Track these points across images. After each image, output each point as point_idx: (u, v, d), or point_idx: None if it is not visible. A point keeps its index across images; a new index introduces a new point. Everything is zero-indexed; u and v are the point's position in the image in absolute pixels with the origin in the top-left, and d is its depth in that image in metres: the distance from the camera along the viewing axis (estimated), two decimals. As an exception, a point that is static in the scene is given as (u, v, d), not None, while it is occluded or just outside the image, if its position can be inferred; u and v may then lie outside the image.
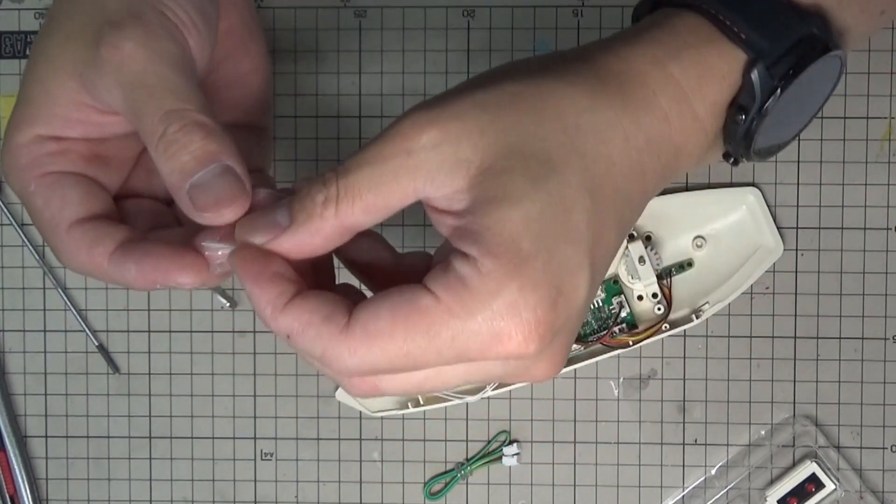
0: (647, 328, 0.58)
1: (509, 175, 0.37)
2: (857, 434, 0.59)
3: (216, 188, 0.39)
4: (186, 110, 0.40)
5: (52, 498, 0.62)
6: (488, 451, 0.60)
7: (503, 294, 0.36)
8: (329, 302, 0.38)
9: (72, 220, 0.42)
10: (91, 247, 0.42)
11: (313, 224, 0.38)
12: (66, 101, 0.42)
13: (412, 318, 0.36)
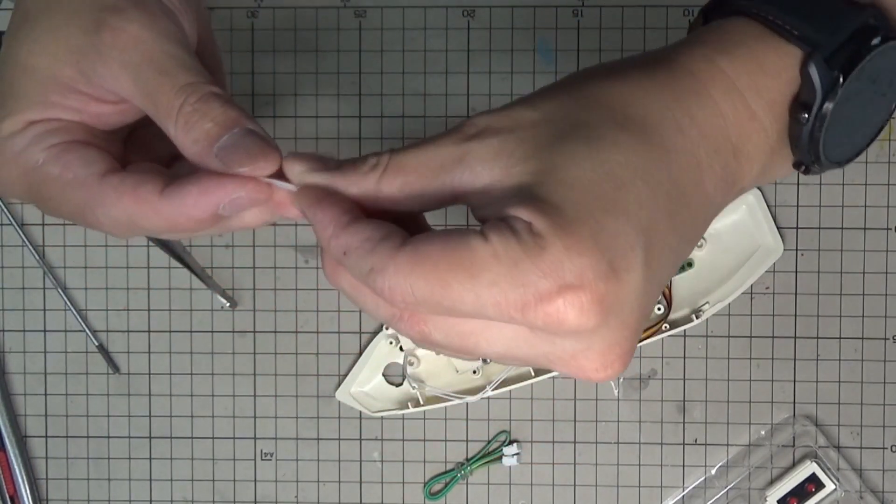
0: (647, 328, 0.58)
1: (560, 144, 0.37)
2: (856, 434, 0.59)
3: (246, 145, 0.40)
4: (201, 83, 0.40)
5: (52, 498, 0.62)
6: (488, 451, 0.60)
7: (549, 251, 0.35)
8: (389, 227, 0.38)
9: (102, 171, 0.41)
10: (136, 188, 0.41)
11: (354, 177, 0.39)
12: (63, 89, 0.41)
13: (459, 251, 0.36)
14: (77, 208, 0.42)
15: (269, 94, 0.60)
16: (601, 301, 0.35)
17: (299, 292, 0.60)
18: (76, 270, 0.61)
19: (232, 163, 0.39)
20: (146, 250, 0.61)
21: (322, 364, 0.61)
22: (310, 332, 0.61)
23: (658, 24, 0.59)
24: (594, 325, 0.35)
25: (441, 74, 0.60)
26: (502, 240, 0.36)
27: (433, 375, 0.59)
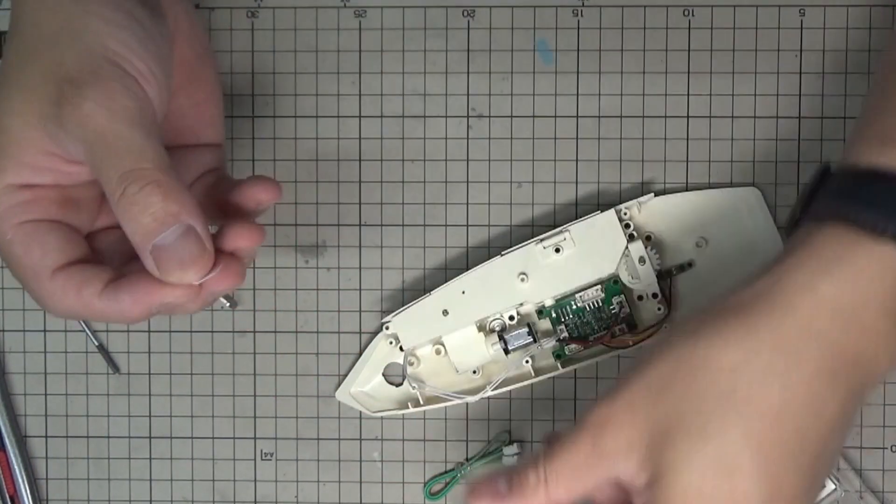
0: (648, 328, 0.58)
1: (672, 446, 0.41)
2: (856, 434, 0.59)
3: (179, 251, 0.41)
4: (145, 169, 0.41)
5: (52, 498, 0.62)
6: (488, 451, 0.60)
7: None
8: None
9: (54, 266, 0.44)
10: (79, 289, 0.44)
11: (527, 497, 0.44)
12: (35, 150, 0.43)
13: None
14: (33, 295, 0.45)
15: (270, 94, 0.60)
16: None
17: (299, 292, 0.60)
18: (76, 270, 0.61)
19: (163, 269, 0.42)
20: (146, 250, 0.61)
21: (322, 364, 0.61)
22: (310, 332, 0.61)
23: (658, 24, 0.59)
24: None
25: (441, 74, 0.60)
26: None
27: (433, 375, 0.59)
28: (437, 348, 0.59)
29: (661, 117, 0.59)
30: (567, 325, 0.58)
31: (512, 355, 0.58)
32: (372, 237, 0.60)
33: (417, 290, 0.60)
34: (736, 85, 0.59)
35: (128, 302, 0.43)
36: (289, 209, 0.60)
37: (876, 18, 0.59)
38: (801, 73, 0.59)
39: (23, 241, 0.44)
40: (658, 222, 0.59)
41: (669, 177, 0.59)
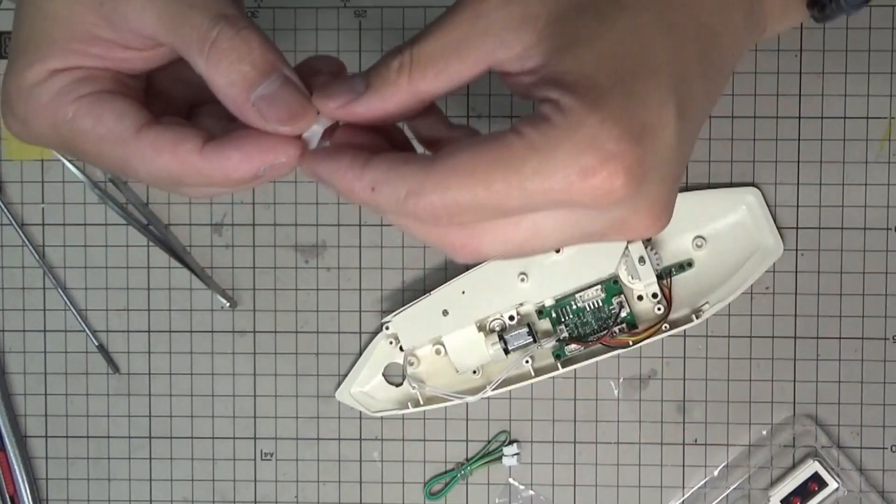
0: (647, 328, 0.58)
1: (578, 19, 0.37)
2: (857, 434, 0.59)
3: (285, 100, 0.38)
4: (237, 16, 0.38)
5: (52, 498, 0.62)
6: (488, 451, 0.60)
7: (584, 126, 0.35)
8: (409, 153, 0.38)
9: (137, 125, 0.39)
10: (176, 145, 0.39)
11: (388, 90, 0.38)
12: (85, 36, 0.40)
13: (495, 151, 0.36)
14: (116, 163, 0.40)
15: (269, 94, 0.60)
16: (641, 163, 0.36)
17: (299, 292, 0.60)
18: (76, 270, 0.61)
19: (271, 119, 0.38)
20: (146, 250, 0.61)
21: (322, 364, 0.61)
22: (310, 332, 0.61)
23: (658, 24, 0.59)
24: (638, 186, 0.36)
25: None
26: (536, 130, 0.36)
27: (433, 375, 0.59)
28: (437, 348, 0.59)
29: (660, 117, 0.59)
30: (567, 325, 0.58)
31: (512, 355, 0.58)
32: (372, 237, 0.60)
33: (417, 290, 0.60)
34: (737, 85, 0.59)
35: (236, 159, 0.38)
36: (289, 209, 0.60)
37: (876, 18, 0.59)
38: (800, 73, 0.59)
39: (91, 111, 0.39)
40: (658, 222, 0.59)
41: (669, 177, 0.59)
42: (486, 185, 0.36)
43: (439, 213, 0.36)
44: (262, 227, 0.60)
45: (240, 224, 0.60)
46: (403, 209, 0.37)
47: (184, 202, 0.60)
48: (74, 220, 0.61)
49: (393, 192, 0.37)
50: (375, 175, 0.37)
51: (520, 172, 0.36)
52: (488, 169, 0.36)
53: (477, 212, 0.36)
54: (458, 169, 0.36)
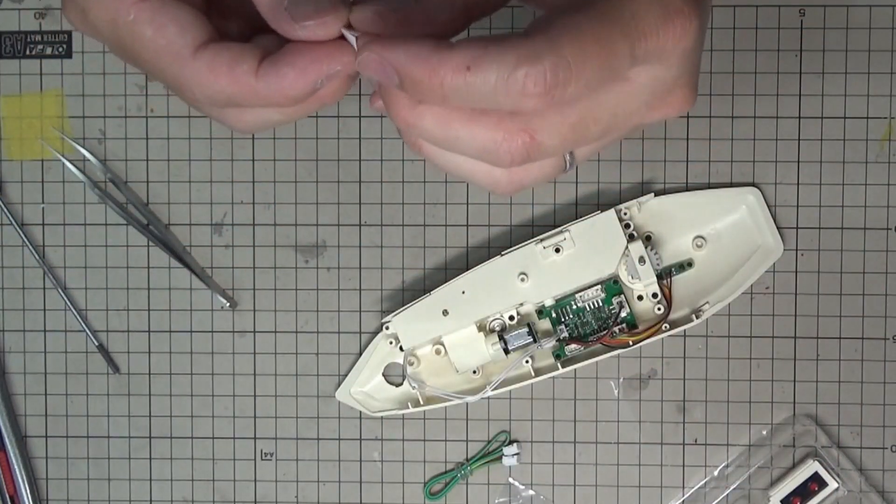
0: (647, 328, 0.58)
1: None
2: (857, 434, 0.59)
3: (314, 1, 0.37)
4: None
5: (52, 498, 0.62)
6: (488, 451, 0.60)
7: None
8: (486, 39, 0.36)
9: (196, 43, 0.39)
10: (232, 65, 0.38)
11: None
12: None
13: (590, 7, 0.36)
14: (170, 80, 0.39)
15: (270, 94, 0.60)
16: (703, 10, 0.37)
17: (299, 292, 0.61)
18: (76, 270, 0.61)
19: (301, 17, 0.37)
20: (146, 250, 0.61)
21: (322, 364, 0.61)
22: (310, 332, 0.61)
23: (658, 24, 0.59)
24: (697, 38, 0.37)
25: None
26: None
27: (433, 375, 0.59)
28: (437, 348, 0.59)
29: (660, 117, 0.59)
30: (567, 324, 0.58)
31: (512, 355, 0.58)
32: (372, 237, 0.60)
33: (417, 290, 0.60)
34: (736, 85, 0.59)
35: (291, 75, 0.38)
36: (289, 209, 0.60)
37: (876, 18, 0.59)
38: (800, 73, 0.59)
39: (151, 18, 0.38)
40: (658, 222, 0.59)
41: (669, 177, 0.59)
42: (596, 40, 0.35)
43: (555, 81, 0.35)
44: (262, 227, 0.60)
45: (240, 224, 0.60)
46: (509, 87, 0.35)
47: (184, 202, 0.60)
48: (74, 220, 0.61)
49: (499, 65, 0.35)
50: (470, 52, 0.35)
51: (622, 19, 0.35)
52: (593, 24, 0.35)
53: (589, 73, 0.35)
54: (563, 29, 0.35)
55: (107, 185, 0.61)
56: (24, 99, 0.60)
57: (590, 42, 0.35)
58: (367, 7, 0.38)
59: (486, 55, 0.35)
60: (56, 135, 0.60)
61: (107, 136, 0.60)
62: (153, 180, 0.61)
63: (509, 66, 0.35)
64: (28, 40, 0.60)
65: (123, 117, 0.60)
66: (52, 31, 0.60)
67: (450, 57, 0.35)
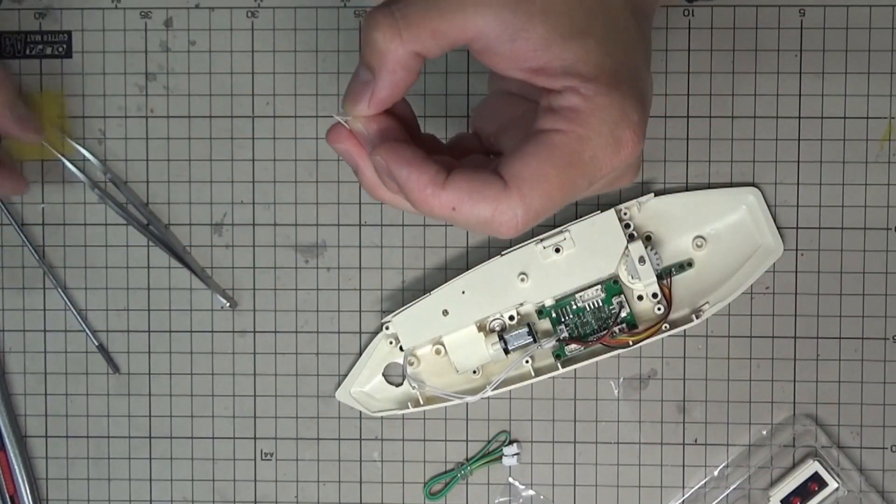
0: (647, 328, 0.58)
1: (571, 12, 0.42)
2: (857, 434, 0.59)
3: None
4: None
5: (52, 498, 0.62)
6: (488, 451, 0.60)
7: (614, 105, 0.42)
8: (478, 169, 0.42)
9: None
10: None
11: (387, 62, 0.42)
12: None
13: (554, 155, 0.42)
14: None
15: (269, 94, 0.60)
16: (645, 127, 0.43)
17: (299, 292, 0.60)
18: (76, 270, 0.61)
19: None
20: (146, 250, 0.61)
21: (322, 364, 0.61)
22: (310, 332, 0.61)
23: (658, 24, 0.59)
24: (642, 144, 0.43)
25: (441, 74, 0.60)
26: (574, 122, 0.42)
27: (433, 375, 0.59)
28: (437, 348, 0.59)
29: (661, 117, 0.59)
30: (567, 324, 0.58)
31: (512, 355, 0.58)
32: (372, 237, 0.60)
33: (417, 290, 0.60)
34: (736, 85, 0.59)
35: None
36: (289, 209, 0.60)
37: (876, 18, 0.59)
38: (800, 73, 0.59)
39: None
40: (658, 222, 0.59)
41: (669, 177, 0.59)
42: (560, 187, 0.42)
43: (525, 225, 0.42)
44: (262, 227, 0.60)
45: (240, 224, 0.60)
46: (487, 227, 0.42)
47: (184, 202, 0.60)
48: (74, 220, 0.61)
49: (478, 214, 0.42)
50: (456, 196, 0.42)
51: (581, 163, 0.42)
52: (559, 173, 0.42)
53: (552, 209, 0.42)
54: (536, 184, 0.42)
55: (107, 185, 0.61)
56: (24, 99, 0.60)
57: (556, 191, 0.42)
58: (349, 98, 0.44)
59: (468, 203, 0.42)
60: (56, 135, 0.60)
61: (107, 136, 0.60)
62: (153, 180, 0.61)
63: (486, 215, 0.42)
64: (28, 40, 0.60)
65: (123, 117, 0.60)
66: (52, 31, 0.60)
67: (439, 195, 0.42)
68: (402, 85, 0.43)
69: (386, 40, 0.41)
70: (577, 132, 0.41)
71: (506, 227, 0.42)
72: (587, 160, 0.42)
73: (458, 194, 0.42)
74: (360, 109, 0.43)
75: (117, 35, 0.60)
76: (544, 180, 0.42)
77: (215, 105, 0.60)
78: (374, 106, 0.43)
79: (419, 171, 0.42)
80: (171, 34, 0.60)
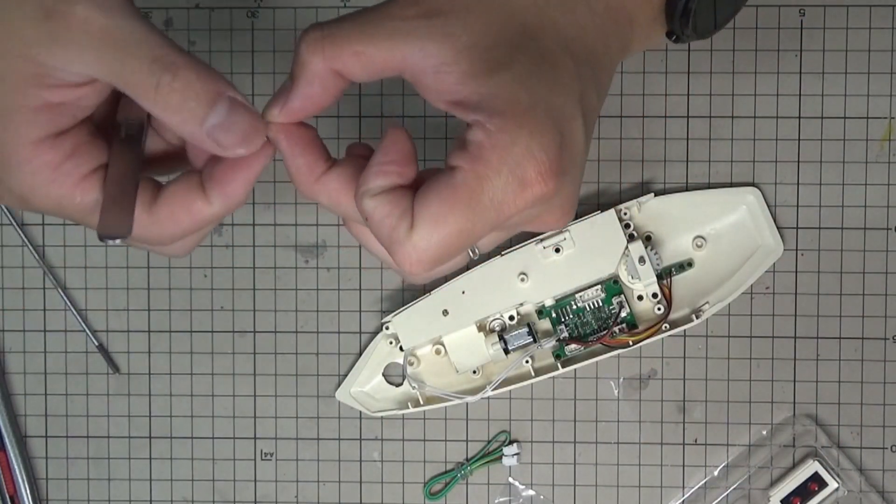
0: (647, 328, 0.58)
1: (496, 48, 0.41)
2: (857, 434, 0.59)
3: (237, 125, 0.41)
4: (169, 54, 0.40)
5: (52, 498, 0.62)
6: (488, 451, 0.60)
7: (518, 143, 0.40)
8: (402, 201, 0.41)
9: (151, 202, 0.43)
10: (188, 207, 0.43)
11: (307, 72, 0.41)
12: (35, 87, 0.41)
13: (454, 195, 0.40)
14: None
15: (269, 94, 0.60)
16: (562, 165, 0.41)
17: (299, 292, 0.61)
18: (76, 270, 0.61)
19: (228, 145, 0.41)
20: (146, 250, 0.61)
21: (322, 364, 0.61)
22: (310, 332, 0.61)
23: (658, 24, 0.59)
24: (559, 186, 0.41)
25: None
26: (476, 160, 0.40)
27: (433, 375, 0.59)
28: (437, 348, 0.59)
29: (661, 117, 0.59)
30: (567, 324, 0.58)
31: (512, 355, 0.58)
32: (372, 237, 0.60)
33: (417, 290, 0.60)
34: (736, 85, 0.59)
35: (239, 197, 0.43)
36: (289, 209, 0.60)
37: (876, 18, 0.59)
38: (800, 73, 0.59)
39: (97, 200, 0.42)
40: (658, 222, 0.59)
41: (669, 177, 0.59)
42: (459, 233, 0.41)
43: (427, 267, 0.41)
44: (262, 227, 0.60)
45: (240, 224, 0.61)
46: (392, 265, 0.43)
47: (184, 202, 0.60)
48: (74, 220, 0.61)
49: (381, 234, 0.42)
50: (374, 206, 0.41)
51: (480, 206, 0.40)
52: (456, 215, 0.40)
53: (452, 252, 0.41)
54: (432, 227, 0.40)
55: (107, 185, 0.60)
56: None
57: (454, 236, 0.41)
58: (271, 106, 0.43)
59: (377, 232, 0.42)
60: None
61: (107, 136, 0.60)
62: (153, 180, 0.60)
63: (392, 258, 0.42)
64: (28, 40, 0.60)
65: (123, 117, 0.60)
66: (52, 31, 0.60)
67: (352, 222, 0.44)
68: (317, 100, 0.42)
69: (308, 52, 0.41)
70: (476, 170, 0.40)
71: (409, 269, 0.42)
72: (486, 202, 0.40)
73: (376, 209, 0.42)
74: (273, 115, 0.42)
75: (117, 35, 0.60)
76: (443, 224, 0.40)
77: (215, 105, 0.60)
78: (285, 114, 0.42)
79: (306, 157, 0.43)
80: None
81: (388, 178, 0.42)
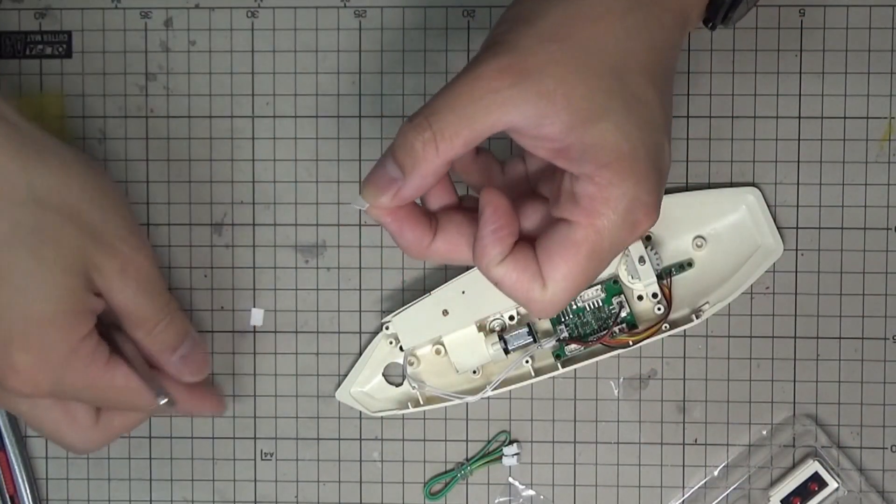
0: (647, 328, 0.58)
1: (591, 96, 0.43)
2: (857, 434, 0.59)
3: (195, 358, 0.53)
4: (172, 300, 0.52)
5: (52, 498, 0.62)
6: (488, 451, 0.60)
7: (627, 193, 0.44)
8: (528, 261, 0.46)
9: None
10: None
11: (422, 167, 0.44)
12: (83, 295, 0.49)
13: (579, 253, 0.45)
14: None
15: (269, 94, 0.60)
16: (660, 197, 0.46)
17: (299, 292, 0.61)
18: (76, 270, 0.61)
19: (189, 372, 0.53)
20: (146, 250, 0.61)
21: (322, 364, 0.61)
22: (310, 332, 0.61)
23: (658, 24, 0.59)
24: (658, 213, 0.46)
25: (441, 74, 0.60)
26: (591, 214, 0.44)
27: (433, 375, 0.59)
28: (437, 348, 0.59)
29: (660, 117, 0.59)
30: (567, 324, 0.58)
31: (512, 355, 0.58)
32: (372, 237, 0.60)
33: (417, 290, 0.60)
34: (736, 85, 0.59)
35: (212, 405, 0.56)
36: (289, 209, 0.60)
37: (876, 18, 0.59)
38: (800, 73, 0.59)
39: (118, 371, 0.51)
40: (658, 222, 0.58)
41: (669, 176, 0.59)
42: (586, 279, 0.46)
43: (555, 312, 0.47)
44: (262, 227, 0.60)
45: (240, 224, 0.60)
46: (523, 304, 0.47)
47: (184, 202, 0.60)
48: (74, 220, 0.61)
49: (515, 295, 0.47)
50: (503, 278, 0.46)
51: (602, 253, 0.45)
52: (583, 268, 0.45)
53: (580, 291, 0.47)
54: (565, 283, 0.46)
55: (107, 185, 0.60)
56: (24, 99, 0.60)
57: (582, 283, 0.46)
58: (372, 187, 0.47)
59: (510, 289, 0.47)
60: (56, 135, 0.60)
61: (107, 136, 0.60)
62: (153, 180, 0.61)
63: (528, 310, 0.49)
64: (28, 40, 0.60)
65: (123, 117, 0.60)
66: (52, 31, 0.60)
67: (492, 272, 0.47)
68: (429, 188, 0.46)
69: (425, 150, 0.44)
70: (594, 225, 0.44)
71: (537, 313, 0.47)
72: (607, 248, 0.45)
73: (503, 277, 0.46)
74: (383, 202, 0.45)
75: (117, 35, 0.60)
76: (572, 279, 0.45)
77: (215, 105, 0.60)
78: (398, 201, 0.45)
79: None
80: (171, 34, 0.60)
81: (505, 242, 0.46)
